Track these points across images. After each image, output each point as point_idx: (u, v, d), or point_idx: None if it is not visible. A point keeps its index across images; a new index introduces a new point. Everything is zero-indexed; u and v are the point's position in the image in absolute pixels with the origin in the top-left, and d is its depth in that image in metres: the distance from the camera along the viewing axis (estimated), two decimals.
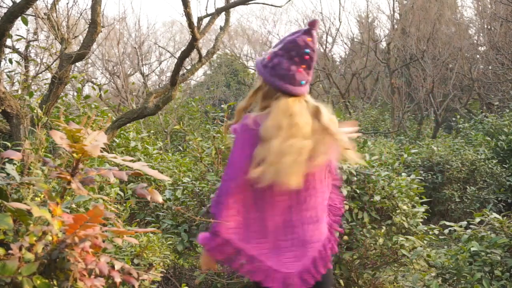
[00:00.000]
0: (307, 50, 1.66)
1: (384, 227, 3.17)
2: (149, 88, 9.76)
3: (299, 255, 1.67)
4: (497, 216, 2.78)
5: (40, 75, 4.41)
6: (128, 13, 14.56)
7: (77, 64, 8.18)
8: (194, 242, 3.38)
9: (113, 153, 3.07)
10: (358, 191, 3.17)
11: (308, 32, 1.67)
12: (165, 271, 2.85)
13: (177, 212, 3.37)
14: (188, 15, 3.56)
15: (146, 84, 10.59)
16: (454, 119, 9.54)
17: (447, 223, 3.01)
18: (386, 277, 3.55)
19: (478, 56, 11.94)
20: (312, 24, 1.67)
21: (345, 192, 3.04)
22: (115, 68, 10.94)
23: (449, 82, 10.78)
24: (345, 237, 3.11)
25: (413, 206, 3.42)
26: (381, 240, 3.06)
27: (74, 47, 4.39)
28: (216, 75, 16.83)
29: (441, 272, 2.78)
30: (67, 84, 3.76)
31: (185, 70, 4.86)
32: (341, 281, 3.06)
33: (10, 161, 2.18)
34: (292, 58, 1.65)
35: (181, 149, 6.98)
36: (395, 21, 13.21)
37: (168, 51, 13.00)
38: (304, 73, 1.67)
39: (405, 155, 5.58)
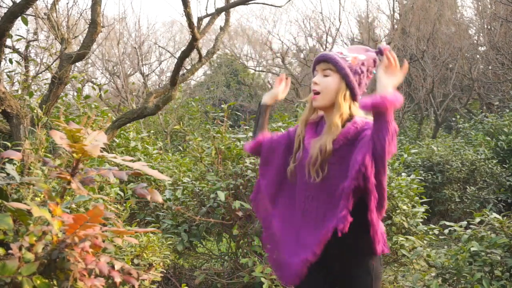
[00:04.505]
0: (374, 71, 1.76)
1: (384, 227, 3.17)
2: (149, 88, 9.77)
3: None
4: (497, 216, 2.78)
5: (40, 75, 4.41)
6: (128, 13, 14.52)
7: (77, 64, 8.19)
8: (194, 242, 3.38)
9: (113, 153, 3.07)
10: None
11: (379, 54, 1.74)
12: (165, 271, 2.85)
13: (177, 212, 3.37)
14: (188, 15, 3.56)
15: (146, 84, 10.60)
16: (454, 119, 9.55)
17: (447, 223, 3.01)
18: (386, 277, 3.55)
19: (478, 56, 11.94)
20: (386, 49, 1.71)
21: None
22: (115, 68, 10.95)
23: (449, 82, 10.79)
24: None
25: (413, 206, 3.42)
26: None
27: (74, 47, 4.39)
28: (216, 75, 16.83)
29: (441, 272, 2.78)
30: (67, 84, 3.76)
31: (185, 70, 4.86)
32: None
33: (10, 161, 2.18)
34: (368, 72, 1.75)
35: (181, 149, 6.98)
36: (395, 21, 13.21)
37: (168, 51, 13.01)
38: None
39: (405, 155, 5.58)
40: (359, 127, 1.63)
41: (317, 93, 1.72)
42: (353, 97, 1.72)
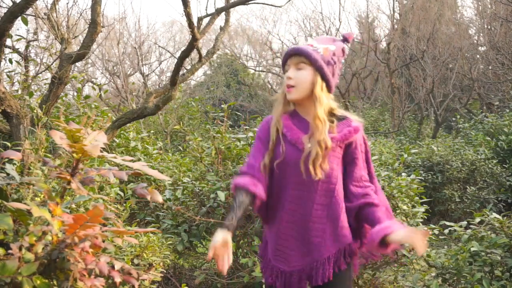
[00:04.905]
0: (343, 60, 1.78)
1: None
2: (149, 88, 9.76)
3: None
4: (497, 216, 2.78)
5: (40, 75, 4.42)
6: (128, 13, 14.47)
7: (77, 64, 8.19)
8: (194, 242, 3.38)
9: (113, 153, 3.07)
10: None
11: (346, 42, 1.79)
12: (165, 271, 2.85)
13: (177, 212, 3.37)
14: (188, 15, 3.56)
15: (146, 84, 10.59)
16: (454, 119, 9.54)
17: (447, 223, 3.01)
18: (386, 277, 3.55)
19: (478, 56, 11.94)
20: (349, 36, 1.79)
21: None
22: (115, 68, 10.95)
23: (449, 82, 10.78)
24: None
25: (413, 206, 3.42)
26: None
27: (74, 47, 4.39)
28: (216, 75, 16.83)
29: (441, 272, 2.78)
30: (67, 84, 3.76)
31: (185, 70, 4.86)
32: None
33: (10, 161, 2.18)
34: (339, 62, 1.75)
35: (181, 149, 6.98)
36: (395, 21, 13.21)
37: (168, 51, 13.01)
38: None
39: (405, 155, 5.58)
40: (356, 142, 1.70)
41: (291, 86, 1.69)
42: (329, 89, 1.71)
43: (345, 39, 1.77)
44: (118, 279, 1.31)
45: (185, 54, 3.95)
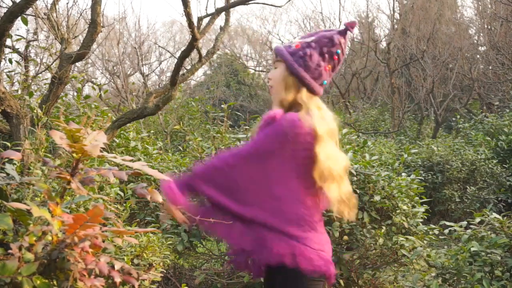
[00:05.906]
0: (338, 51, 1.64)
1: (384, 227, 3.17)
2: (149, 88, 9.76)
3: None
4: (497, 216, 2.78)
5: (40, 75, 4.41)
6: (128, 13, 14.47)
7: (77, 64, 8.18)
8: (194, 242, 3.37)
9: (113, 153, 3.06)
10: (358, 191, 3.17)
11: (343, 33, 1.65)
12: (165, 271, 2.85)
13: None
14: (188, 15, 3.55)
15: (146, 84, 10.59)
16: (454, 119, 9.54)
17: (447, 223, 3.01)
18: (386, 277, 3.55)
19: (478, 56, 11.94)
20: (351, 25, 1.65)
21: None
22: (115, 68, 10.95)
23: (449, 82, 10.78)
24: (345, 237, 3.11)
25: (413, 206, 3.42)
26: (381, 240, 3.06)
27: (74, 47, 4.39)
28: (216, 75, 16.83)
29: (441, 272, 2.79)
30: (67, 84, 3.76)
31: (185, 70, 4.86)
32: (341, 281, 3.06)
33: (10, 161, 2.18)
34: (323, 54, 1.62)
35: (181, 149, 6.98)
36: (395, 21, 13.21)
37: (168, 51, 13.01)
38: (328, 73, 1.66)
39: (405, 155, 5.58)
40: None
41: (271, 87, 1.68)
42: (302, 82, 1.62)
43: (346, 28, 1.66)
44: (118, 279, 1.31)
45: (185, 54, 3.94)
